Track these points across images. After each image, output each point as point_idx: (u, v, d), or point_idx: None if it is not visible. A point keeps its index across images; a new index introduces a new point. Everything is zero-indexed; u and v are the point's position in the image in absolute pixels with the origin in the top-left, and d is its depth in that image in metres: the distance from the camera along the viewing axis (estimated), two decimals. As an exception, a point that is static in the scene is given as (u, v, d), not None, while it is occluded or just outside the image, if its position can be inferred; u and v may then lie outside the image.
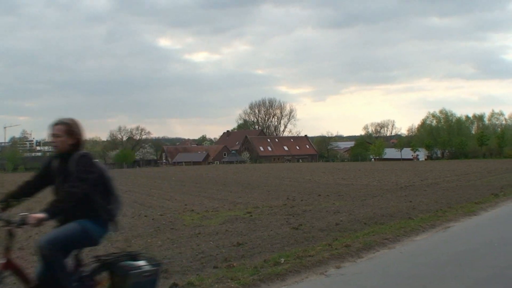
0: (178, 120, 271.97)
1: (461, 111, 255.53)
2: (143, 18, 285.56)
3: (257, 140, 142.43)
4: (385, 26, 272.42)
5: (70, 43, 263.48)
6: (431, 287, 8.04)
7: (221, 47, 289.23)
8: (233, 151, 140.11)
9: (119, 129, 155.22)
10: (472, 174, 42.12)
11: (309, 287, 8.42)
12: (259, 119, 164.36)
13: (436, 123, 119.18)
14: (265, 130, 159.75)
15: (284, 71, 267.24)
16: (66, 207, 5.32)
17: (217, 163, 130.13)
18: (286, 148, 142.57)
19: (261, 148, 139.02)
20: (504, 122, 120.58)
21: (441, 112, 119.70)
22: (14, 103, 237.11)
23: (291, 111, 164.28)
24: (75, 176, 5.39)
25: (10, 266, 5.22)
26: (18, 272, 5.32)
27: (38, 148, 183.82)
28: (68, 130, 5.62)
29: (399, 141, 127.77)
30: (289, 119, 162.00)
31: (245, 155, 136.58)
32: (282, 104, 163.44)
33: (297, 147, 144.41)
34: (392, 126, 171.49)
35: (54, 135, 5.61)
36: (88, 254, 7.10)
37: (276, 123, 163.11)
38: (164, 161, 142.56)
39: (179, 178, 53.35)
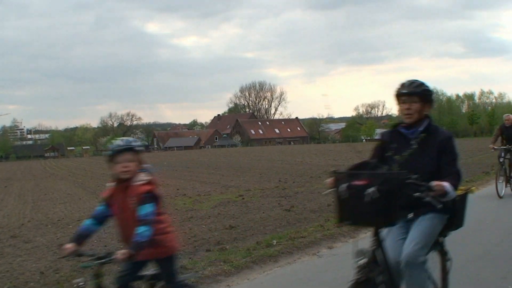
0: (168, 105, 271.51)
1: (451, 90, 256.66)
2: (131, 4, 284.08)
3: (248, 124, 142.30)
4: (373, 6, 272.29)
5: (58, 31, 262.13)
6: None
7: (209, 31, 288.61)
8: (224, 135, 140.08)
9: (110, 115, 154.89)
10: (463, 152, 42.14)
11: (302, 268, 8.44)
12: (250, 102, 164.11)
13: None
14: (256, 113, 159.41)
15: (273, 53, 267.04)
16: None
17: (208, 147, 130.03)
18: (277, 130, 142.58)
19: (252, 132, 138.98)
20: (494, 100, 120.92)
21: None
22: (4, 92, 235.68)
23: (281, 94, 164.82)
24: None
25: None
26: None
27: (29, 136, 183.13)
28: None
29: (390, 121, 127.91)
30: (279, 102, 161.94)
31: (237, 138, 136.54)
32: (272, 87, 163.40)
33: (288, 130, 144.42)
34: (383, 107, 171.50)
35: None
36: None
37: (266, 106, 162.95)
38: (156, 146, 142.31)
39: (170, 163, 53.27)
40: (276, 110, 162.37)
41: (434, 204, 4.58)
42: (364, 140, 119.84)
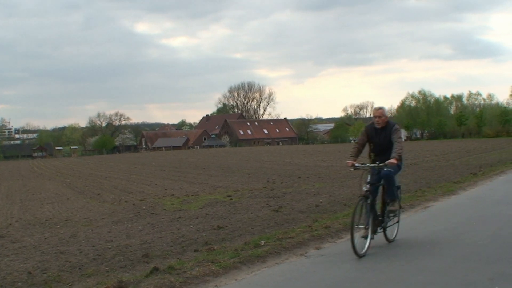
0: (157, 105, 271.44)
1: (439, 92, 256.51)
2: (120, 4, 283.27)
3: (236, 124, 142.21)
4: (363, 8, 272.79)
5: (47, 30, 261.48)
6: (409, 266, 8.10)
7: (199, 31, 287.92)
8: (213, 135, 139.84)
9: (98, 115, 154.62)
10: (451, 154, 42.41)
11: (289, 268, 8.44)
12: (239, 102, 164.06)
13: (415, 104, 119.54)
14: (244, 113, 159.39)
15: (262, 54, 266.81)
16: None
17: (197, 147, 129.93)
18: (266, 131, 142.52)
19: (241, 132, 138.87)
20: (482, 102, 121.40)
21: (420, 92, 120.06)
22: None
23: (270, 94, 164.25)
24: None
25: None
26: None
27: (17, 136, 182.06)
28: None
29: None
30: (268, 102, 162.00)
31: (225, 139, 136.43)
32: (261, 88, 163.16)
33: (277, 130, 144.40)
34: (372, 108, 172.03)
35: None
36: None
37: (255, 107, 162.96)
38: (144, 146, 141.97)
39: (159, 163, 53.16)
40: (264, 110, 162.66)
41: None
42: (352, 140, 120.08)
